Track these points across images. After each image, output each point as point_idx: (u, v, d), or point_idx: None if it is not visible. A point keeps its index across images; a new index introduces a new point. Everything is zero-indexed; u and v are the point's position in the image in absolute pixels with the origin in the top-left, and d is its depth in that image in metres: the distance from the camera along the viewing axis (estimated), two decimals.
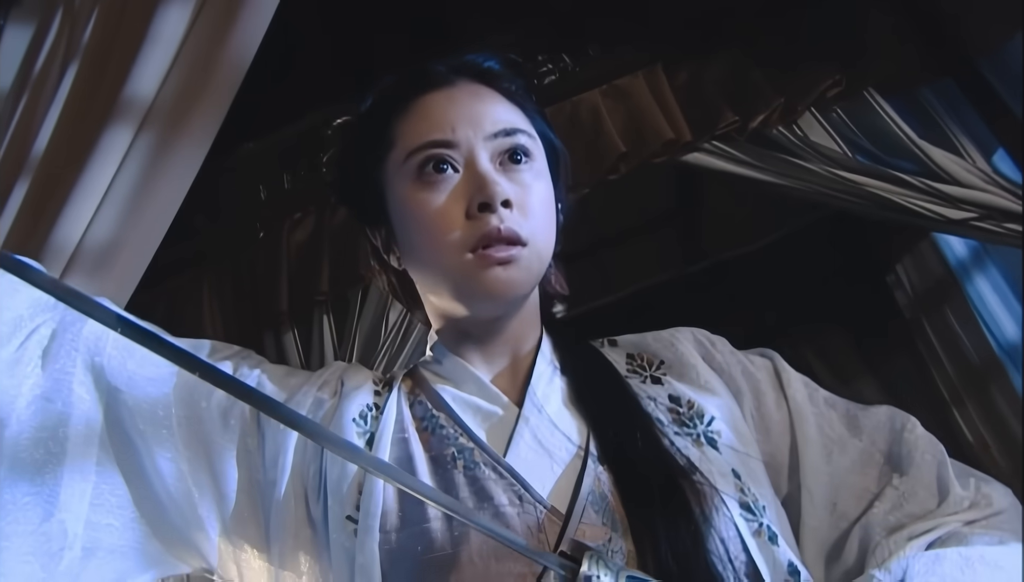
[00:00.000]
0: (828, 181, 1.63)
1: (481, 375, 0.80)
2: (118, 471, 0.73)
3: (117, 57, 1.27)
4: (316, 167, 1.95)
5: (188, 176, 1.25)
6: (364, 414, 0.78)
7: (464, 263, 0.73)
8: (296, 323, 1.87)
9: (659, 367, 0.84)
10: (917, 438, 0.78)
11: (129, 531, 0.72)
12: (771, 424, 0.80)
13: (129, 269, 1.24)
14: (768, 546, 0.69)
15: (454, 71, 0.81)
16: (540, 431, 0.75)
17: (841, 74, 1.67)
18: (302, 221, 1.94)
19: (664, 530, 0.66)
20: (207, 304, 1.94)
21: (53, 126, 1.30)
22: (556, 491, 0.70)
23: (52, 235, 1.16)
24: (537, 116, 0.84)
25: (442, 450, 0.74)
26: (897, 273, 2.43)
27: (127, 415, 0.73)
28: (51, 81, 1.37)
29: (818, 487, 0.77)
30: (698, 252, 3.09)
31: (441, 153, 0.75)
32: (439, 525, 0.66)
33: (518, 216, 0.73)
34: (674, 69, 1.80)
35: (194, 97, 1.21)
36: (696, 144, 1.70)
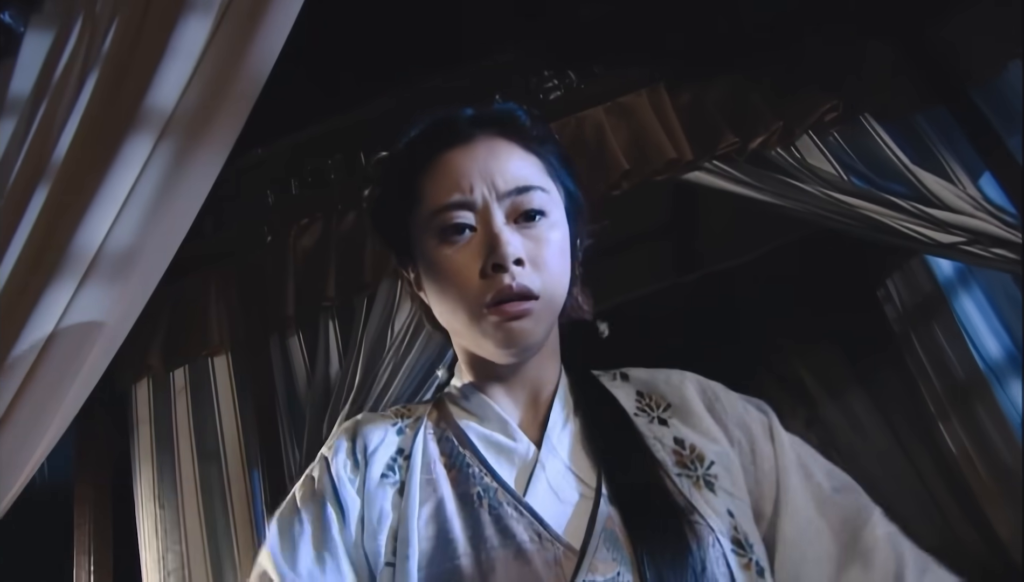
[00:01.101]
0: (823, 202, 1.68)
1: (505, 414, 0.85)
2: None
3: (138, 66, 1.29)
4: (324, 173, 1.98)
5: (206, 184, 1.28)
6: (391, 465, 0.83)
7: (482, 317, 0.78)
8: (302, 328, 1.89)
9: (666, 409, 0.89)
10: (877, 539, 0.79)
11: None
12: (761, 476, 0.84)
13: (148, 274, 1.27)
14: (756, 578, 0.74)
15: (476, 124, 0.85)
16: (556, 474, 0.80)
17: (839, 100, 1.72)
18: (309, 227, 1.97)
19: (668, 566, 0.71)
20: (213, 306, 1.96)
21: (73, 132, 1.32)
22: (571, 528, 0.75)
23: (73, 240, 1.18)
24: (557, 162, 0.88)
25: (468, 489, 0.78)
26: (887, 288, 2.45)
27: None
28: (71, 88, 1.40)
29: (789, 550, 0.80)
30: (691, 264, 3.14)
31: (460, 215, 0.79)
32: (468, 561, 0.71)
33: (531, 271, 0.78)
34: (677, 89, 1.85)
35: (213, 108, 1.24)
36: (697, 163, 1.74)
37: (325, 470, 0.82)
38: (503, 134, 0.84)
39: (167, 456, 1.86)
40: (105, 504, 1.86)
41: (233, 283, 2.00)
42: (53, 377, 1.17)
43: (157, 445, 1.88)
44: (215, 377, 1.93)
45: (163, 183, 1.22)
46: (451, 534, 0.74)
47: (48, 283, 1.17)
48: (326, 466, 0.83)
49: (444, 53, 1.91)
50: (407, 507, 0.76)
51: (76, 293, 1.18)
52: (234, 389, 1.91)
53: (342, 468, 0.82)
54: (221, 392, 1.91)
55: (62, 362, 1.18)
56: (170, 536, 1.79)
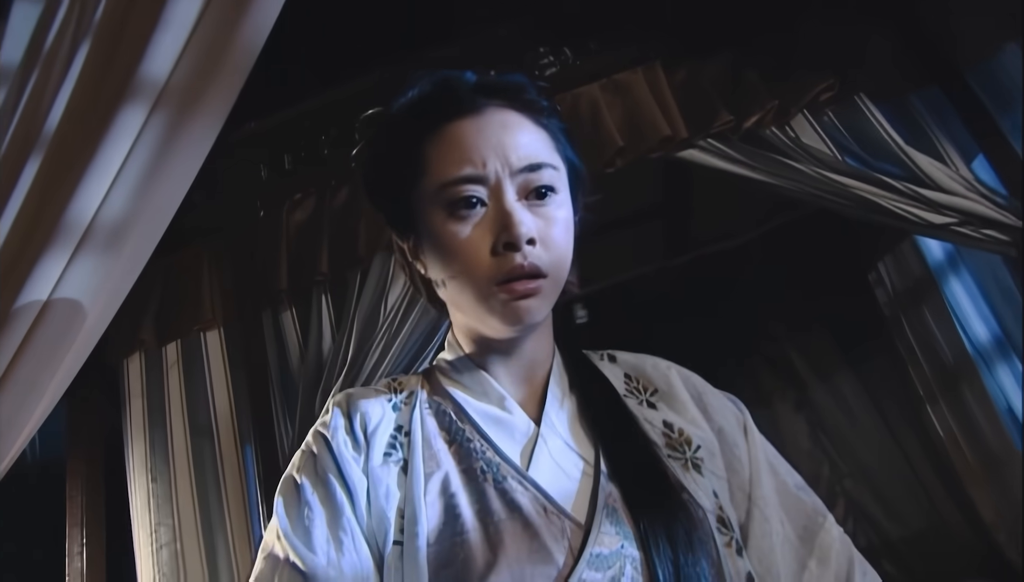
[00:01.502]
0: (817, 182, 1.68)
1: (502, 390, 0.85)
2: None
3: (130, 36, 1.28)
4: (317, 149, 1.97)
5: (199, 156, 1.27)
6: (393, 443, 0.82)
7: (491, 294, 0.77)
8: (295, 303, 1.89)
9: (653, 394, 0.91)
10: (833, 539, 0.84)
11: None
12: (738, 468, 0.87)
13: (141, 246, 1.26)
14: (735, 556, 0.77)
15: (483, 93, 0.82)
16: (557, 450, 0.81)
17: (834, 79, 1.72)
18: (302, 202, 1.96)
19: (665, 540, 0.73)
20: (206, 281, 1.96)
21: (65, 103, 1.31)
22: (574, 503, 0.76)
23: (66, 211, 1.17)
24: (563, 137, 0.86)
25: (471, 464, 0.79)
26: (879, 271, 2.48)
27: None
28: (62, 57, 1.38)
29: (759, 539, 0.83)
30: (681, 246, 3.15)
31: (471, 189, 0.77)
32: (477, 535, 0.72)
33: (541, 251, 0.77)
34: (673, 67, 1.84)
35: (207, 79, 1.23)
36: (691, 141, 1.74)
37: (326, 448, 0.80)
38: (512, 106, 0.82)
39: (159, 430, 1.87)
40: (97, 477, 1.86)
41: (225, 258, 1.99)
42: (46, 348, 1.17)
43: (149, 419, 1.88)
44: (207, 352, 1.93)
45: (156, 155, 1.21)
46: (458, 509, 0.74)
47: (41, 254, 1.16)
48: (326, 444, 0.81)
49: (438, 28, 1.90)
50: (412, 484, 0.76)
51: (69, 264, 1.18)
52: (226, 364, 1.91)
53: (343, 446, 0.80)
54: (213, 367, 1.91)
55: (55, 333, 1.18)
56: (162, 510, 1.79)
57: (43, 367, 1.19)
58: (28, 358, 1.15)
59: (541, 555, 0.70)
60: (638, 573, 0.71)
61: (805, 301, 3.13)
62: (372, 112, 1.82)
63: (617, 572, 0.70)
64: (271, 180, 2.01)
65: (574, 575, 0.69)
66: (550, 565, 0.70)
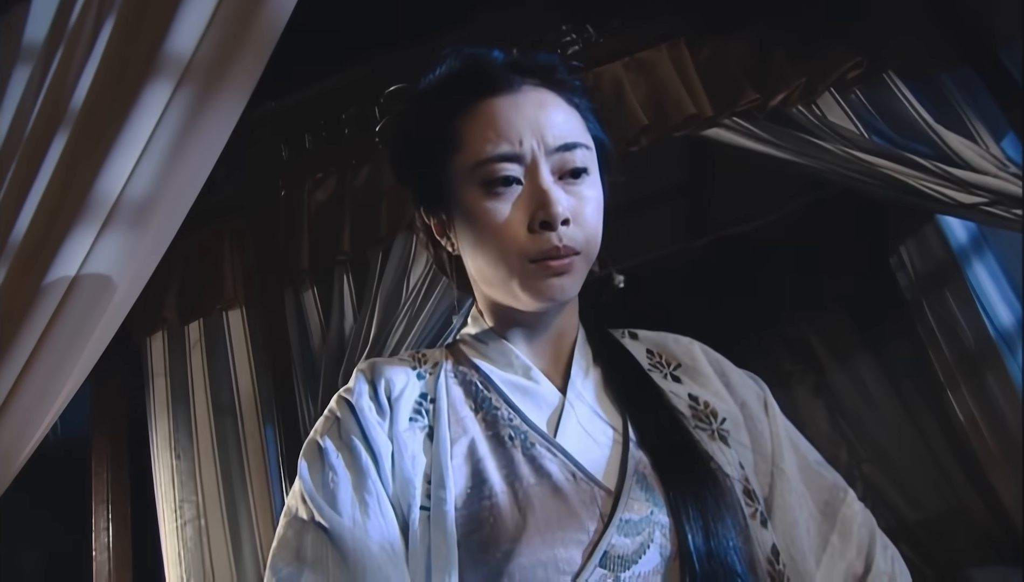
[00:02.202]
0: (844, 161, 1.66)
1: (527, 361, 0.86)
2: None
3: (154, 13, 1.28)
4: (337, 128, 1.96)
5: (225, 131, 1.27)
6: (418, 409, 0.82)
7: (525, 270, 0.78)
8: (316, 282, 1.89)
9: (677, 367, 0.92)
10: (855, 514, 0.85)
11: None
12: (761, 442, 0.87)
13: (167, 222, 1.26)
14: (760, 528, 0.78)
15: (517, 71, 0.83)
16: (584, 418, 0.82)
17: (863, 57, 1.69)
18: (323, 181, 1.96)
19: (695, 507, 0.73)
20: (228, 260, 1.96)
21: (91, 79, 1.31)
22: (603, 469, 0.76)
23: (93, 188, 1.17)
24: (591, 116, 0.87)
25: (498, 430, 0.79)
26: (900, 255, 2.45)
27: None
28: (86, 34, 1.38)
29: (782, 512, 0.84)
30: (702, 227, 3.13)
31: (507, 168, 0.77)
32: (506, 499, 0.72)
33: (575, 229, 0.77)
34: (697, 45, 1.82)
35: (232, 55, 1.22)
36: (717, 119, 1.72)
37: (350, 412, 0.80)
38: (546, 85, 0.83)
39: (182, 408, 1.88)
40: (122, 455, 1.88)
41: (247, 237, 2.00)
42: (75, 323, 1.18)
43: (173, 397, 1.90)
44: (229, 330, 1.94)
45: (182, 131, 1.21)
46: (485, 474, 0.74)
47: (69, 231, 1.17)
48: (350, 409, 0.81)
49: (460, 6, 1.88)
50: (439, 450, 0.76)
51: (96, 241, 1.18)
52: (248, 342, 1.92)
53: (368, 411, 0.80)
54: (236, 345, 1.92)
55: (84, 308, 1.18)
56: (186, 487, 1.81)
57: (72, 342, 1.20)
58: (58, 333, 1.16)
59: (571, 520, 0.70)
60: (667, 539, 0.71)
61: (824, 283, 3.10)
62: (397, 87, 1.81)
63: (646, 538, 0.71)
64: (292, 159, 2.01)
65: (604, 540, 0.69)
66: (580, 531, 0.70)
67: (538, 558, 0.68)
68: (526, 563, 0.67)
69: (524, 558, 0.67)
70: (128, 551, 1.79)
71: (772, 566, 0.76)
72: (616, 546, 0.69)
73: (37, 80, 1.39)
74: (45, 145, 1.28)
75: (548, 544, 0.68)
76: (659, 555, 0.70)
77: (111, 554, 1.75)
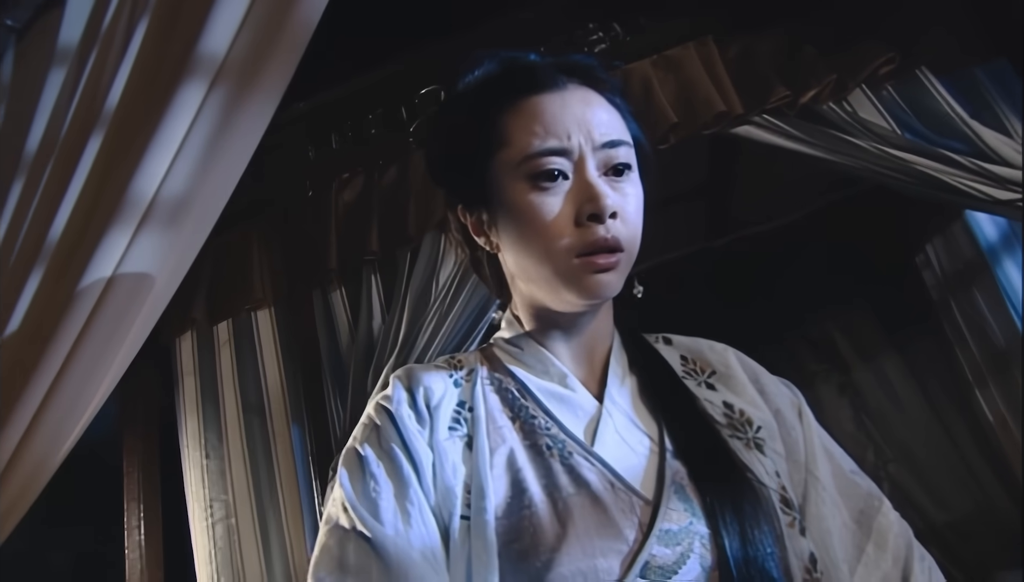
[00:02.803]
0: (877, 158, 1.64)
1: (564, 368, 0.85)
2: None
3: (187, 14, 1.28)
4: (364, 128, 1.97)
5: (258, 131, 1.27)
6: (457, 418, 0.82)
7: (570, 266, 0.77)
8: (344, 282, 1.89)
9: (711, 375, 0.91)
10: (891, 523, 0.83)
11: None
12: (795, 451, 0.86)
13: (201, 221, 1.27)
14: (797, 536, 0.77)
15: (563, 71, 0.83)
16: (621, 427, 0.81)
17: (895, 52, 1.67)
18: (351, 181, 1.96)
19: (733, 516, 0.73)
20: (256, 260, 1.97)
21: (125, 81, 1.32)
22: (641, 479, 0.76)
23: (129, 189, 1.18)
24: (630, 117, 0.87)
25: (536, 439, 0.79)
26: (927, 254, 2.43)
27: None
28: (120, 36, 1.39)
29: (817, 521, 0.83)
30: (724, 227, 3.11)
31: (555, 162, 0.78)
32: (546, 509, 0.71)
33: (620, 225, 0.77)
34: (726, 42, 1.81)
35: (265, 54, 1.23)
36: (747, 117, 1.70)
37: (389, 421, 0.80)
38: (589, 84, 0.84)
39: (212, 408, 1.89)
40: (153, 454, 1.90)
41: (275, 237, 2.01)
42: (112, 321, 1.19)
43: (202, 397, 1.91)
44: (258, 331, 1.95)
45: (216, 131, 1.22)
46: (525, 483, 0.74)
47: (105, 230, 1.17)
48: (389, 416, 0.80)
49: (486, 5, 1.88)
50: (478, 459, 0.76)
51: (132, 241, 1.19)
52: (277, 343, 1.93)
53: (407, 420, 0.80)
54: (264, 345, 1.93)
55: (121, 307, 1.19)
56: (216, 486, 1.82)
57: (109, 341, 1.20)
58: (95, 332, 1.17)
59: (610, 530, 0.70)
60: (707, 550, 0.71)
61: (848, 283, 3.08)
62: (430, 88, 1.82)
63: (686, 548, 0.70)
64: (319, 160, 2.01)
65: (644, 551, 0.69)
66: (620, 541, 0.69)
67: (578, 568, 0.67)
68: (566, 573, 0.67)
69: (564, 568, 0.67)
70: (160, 549, 1.80)
71: (809, 575, 0.75)
72: (656, 556, 0.69)
73: (72, 83, 1.41)
74: (80, 147, 1.29)
75: (588, 554, 0.68)
76: (699, 565, 0.70)
77: (143, 552, 1.77)
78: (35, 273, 1.23)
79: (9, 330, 1.20)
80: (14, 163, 1.39)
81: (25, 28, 1.53)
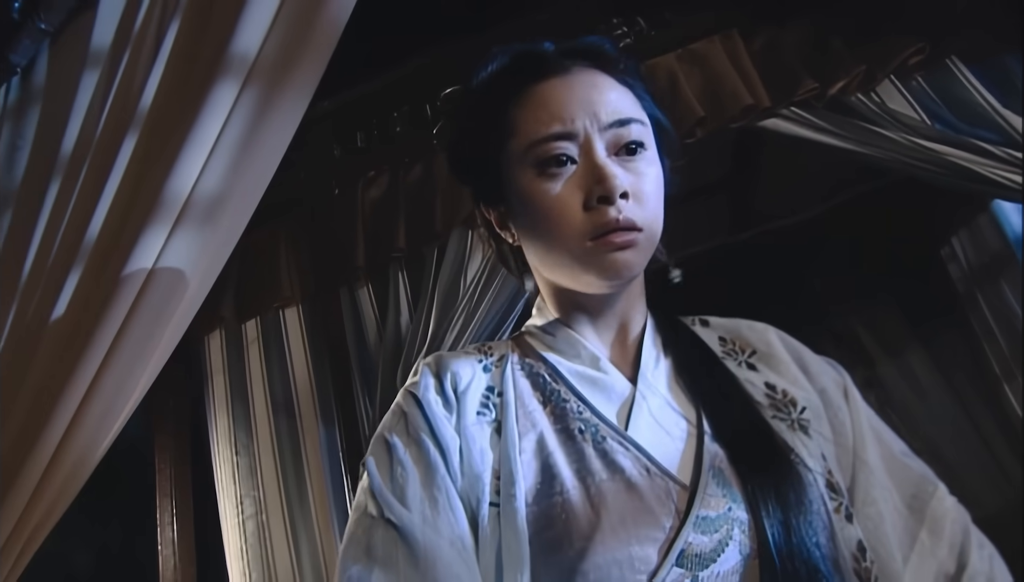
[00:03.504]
0: (906, 149, 1.62)
1: (595, 350, 0.84)
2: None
3: (218, 13, 1.30)
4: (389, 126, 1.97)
5: (290, 129, 1.29)
6: (485, 403, 0.81)
7: (585, 250, 0.76)
8: (371, 279, 1.90)
9: (752, 355, 0.89)
10: (946, 509, 0.80)
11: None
12: (841, 432, 0.84)
13: (236, 218, 1.28)
14: (845, 523, 0.74)
15: (568, 56, 0.82)
16: (656, 410, 0.80)
17: (925, 42, 1.65)
18: (376, 178, 1.97)
19: (775, 502, 0.71)
20: (283, 258, 1.99)
21: (158, 81, 1.33)
22: (677, 464, 0.74)
23: (164, 188, 1.19)
24: (647, 96, 0.86)
25: (568, 424, 0.77)
26: (952, 246, 2.41)
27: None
28: (151, 37, 1.41)
29: (866, 507, 0.80)
30: (747, 220, 3.09)
31: (561, 146, 0.77)
32: (578, 495, 0.70)
33: (634, 205, 0.76)
34: (751, 35, 1.79)
35: (296, 53, 1.24)
36: (774, 110, 1.69)
37: (416, 407, 0.79)
38: (596, 66, 0.82)
39: (241, 405, 1.90)
40: (184, 451, 1.91)
41: (302, 235, 2.01)
42: (149, 319, 1.20)
43: (231, 394, 1.92)
44: (286, 328, 1.96)
45: (249, 129, 1.23)
46: (556, 468, 0.72)
47: (142, 229, 1.19)
48: (416, 403, 0.80)
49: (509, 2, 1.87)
50: (507, 444, 0.75)
51: (169, 238, 1.20)
52: (305, 340, 1.94)
53: (435, 405, 0.79)
54: (292, 343, 1.94)
55: (158, 304, 1.20)
56: (246, 483, 1.83)
57: (146, 338, 1.21)
58: (133, 329, 1.18)
59: (646, 517, 0.68)
60: (746, 537, 0.69)
61: (872, 277, 3.05)
62: (452, 89, 1.82)
63: (725, 535, 0.68)
64: (344, 158, 2.02)
65: (680, 538, 0.67)
66: (656, 527, 0.68)
67: (613, 556, 0.66)
68: (600, 562, 0.66)
69: (599, 556, 0.66)
70: (192, 545, 1.82)
71: (858, 563, 0.73)
72: (693, 544, 0.67)
73: (105, 84, 1.43)
74: (115, 147, 1.31)
75: (623, 542, 0.67)
76: (738, 553, 0.68)
77: (176, 548, 1.78)
78: (74, 272, 1.24)
79: (50, 327, 1.22)
80: (50, 164, 1.41)
81: (58, 31, 1.55)
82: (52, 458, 1.14)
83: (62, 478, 1.17)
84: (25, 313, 1.29)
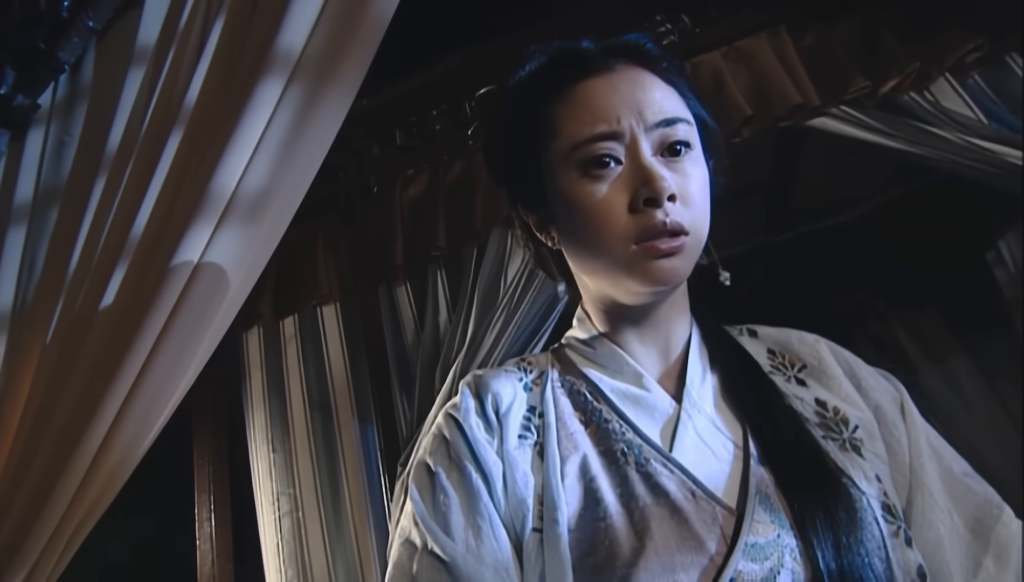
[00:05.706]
0: (961, 149, 1.56)
1: (639, 367, 0.81)
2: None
3: (262, 11, 1.30)
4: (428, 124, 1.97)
5: (334, 126, 1.28)
6: (527, 425, 0.79)
7: (630, 254, 0.74)
8: (410, 278, 1.89)
9: (802, 370, 0.86)
10: (1013, 535, 0.75)
11: None
12: (897, 450, 0.80)
13: (280, 215, 1.28)
14: (904, 547, 0.71)
15: (610, 54, 0.80)
16: (701, 430, 0.77)
17: (984, 39, 1.60)
18: (416, 177, 1.96)
19: (825, 524, 0.68)
20: (321, 256, 1.99)
21: (203, 78, 1.34)
22: (723, 487, 0.72)
23: (210, 185, 1.19)
24: (691, 95, 0.83)
25: (610, 445, 0.75)
26: (999, 249, 2.35)
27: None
28: (196, 34, 1.41)
29: (924, 531, 0.77)
30: (785, 221, 3.05)
31: (607, 147, 0.74)
32: (622, 520, 0.68)
33: (681, 207, 0.74)
34: (800, 32, 1.75)
35: (340, 49, 1.24)
36: (824, 109, 1.65)
37: (458, 432, 0.78)
38: (640, 64, 0.80)
39: (278, 402, 1.91)
40: (223, 447, 1.92)
41: (340, 233, 2.01)
42: (195, 313, 1.20)
43: (268, 391, 1.93)
44: (324, 326, 1.96)
45: (293, 126, 1.23)
46: (599, 493, 0.70)
47: (187, 225, 1.19)
48: (458, 427, 0.79)
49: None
50: (549, 468, 0.73)
51: (214, 234, 1.20)
52: (343, 338, 1.94)
53: (476, 429, 0.78)
54: (330, 341, 1.94)
55: (203, 299, 1.20)
56: (283, 480, 1.83)
57: (191, 333, 1.22)
58: (179, 324, 1.18)
59: (692, 543, 0.66)
60: (799, 564, 0.66)
61: (915, 280, 2.98)
62: (486, 90, 1.81)
63: (776, 563, 0.65)
64: (383, 156, 2.02)
65: (729, 566, 0.64)
66: (702, 554, 0.65)
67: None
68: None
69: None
70: (229, 541, 1.83)
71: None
72: (744, 573, 0.65)
73: (151, 81, 1.44)
74: (161, 144, 1.31)
75: (668, 569, 0.64)
76: (791, 581, 0.65)
77: (213, 544, 1.79)
78: (120, 266, 1.25)
79: (96, 321, 1.23)
80: (96, 160, 1.42)
81: (105, 28, 1.56)
82: (98, 451, 1.15)
83: (107, 471, 1.18)
84: (72, 306, 1.30)
